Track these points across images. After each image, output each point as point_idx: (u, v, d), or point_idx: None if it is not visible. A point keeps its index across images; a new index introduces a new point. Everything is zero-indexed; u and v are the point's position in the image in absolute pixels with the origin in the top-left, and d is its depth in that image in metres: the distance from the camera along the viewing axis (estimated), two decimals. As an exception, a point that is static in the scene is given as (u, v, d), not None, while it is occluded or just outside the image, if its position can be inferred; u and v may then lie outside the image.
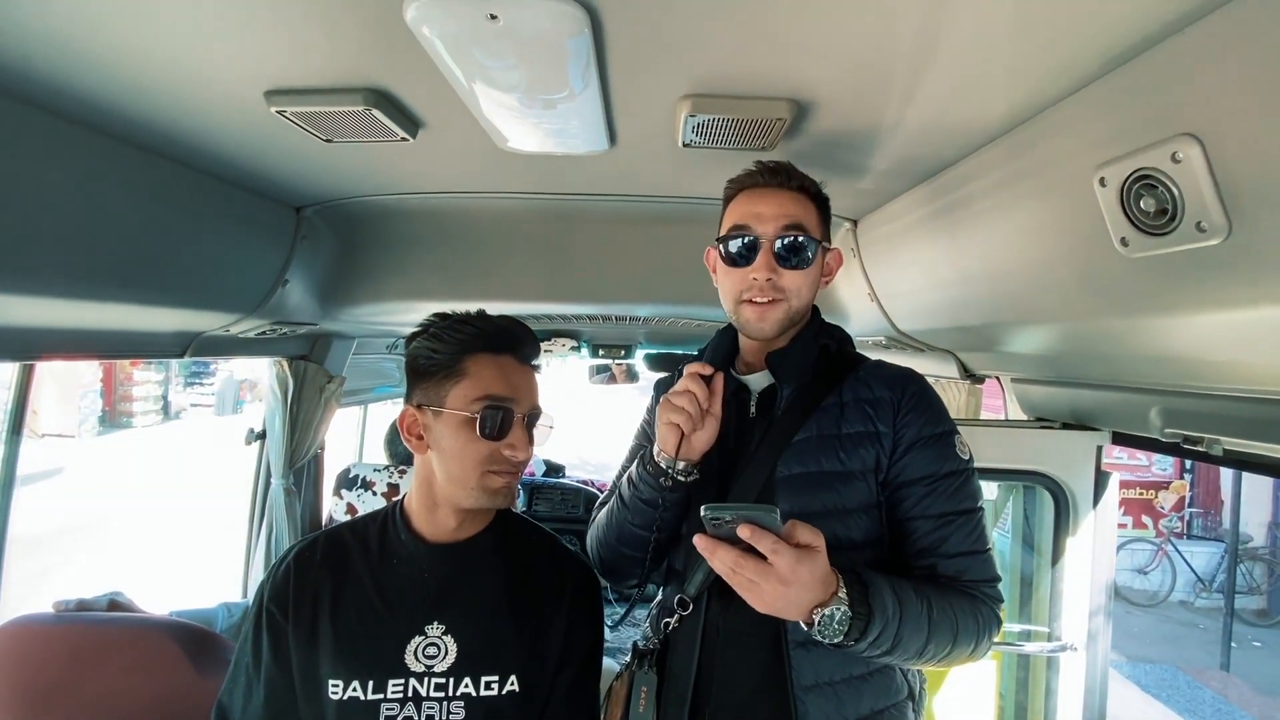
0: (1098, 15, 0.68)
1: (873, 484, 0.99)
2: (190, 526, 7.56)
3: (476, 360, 0.97)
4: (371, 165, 1.39)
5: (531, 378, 1.03)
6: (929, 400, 1.03)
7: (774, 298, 1.00)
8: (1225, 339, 0.84)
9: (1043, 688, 1.61)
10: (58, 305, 1.18)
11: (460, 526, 1.03)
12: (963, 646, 0.91)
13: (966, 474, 0.99)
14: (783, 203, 1.01)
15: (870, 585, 0.85)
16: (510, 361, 1.00)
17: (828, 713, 0.95)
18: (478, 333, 0.98)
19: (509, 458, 0.97)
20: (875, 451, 0.99)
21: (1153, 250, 0.78)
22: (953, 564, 0.95)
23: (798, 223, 1.00)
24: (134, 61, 0.87)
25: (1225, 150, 0.65)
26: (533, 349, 1.04)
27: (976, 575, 0.96)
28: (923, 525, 0.97)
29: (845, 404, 1.02)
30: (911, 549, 0.98)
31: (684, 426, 0.98)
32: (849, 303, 1.96)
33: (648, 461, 1.04)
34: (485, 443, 0.96)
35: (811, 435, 1.00)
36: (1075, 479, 1.52)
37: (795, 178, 1.03)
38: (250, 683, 0.97)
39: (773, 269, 1.00)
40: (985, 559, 0.97)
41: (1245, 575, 7.53)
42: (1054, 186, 0.92)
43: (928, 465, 0.98)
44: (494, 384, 0.97)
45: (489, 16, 0.74)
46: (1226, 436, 1.07)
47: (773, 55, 0.85)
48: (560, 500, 3.76)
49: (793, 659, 0.96)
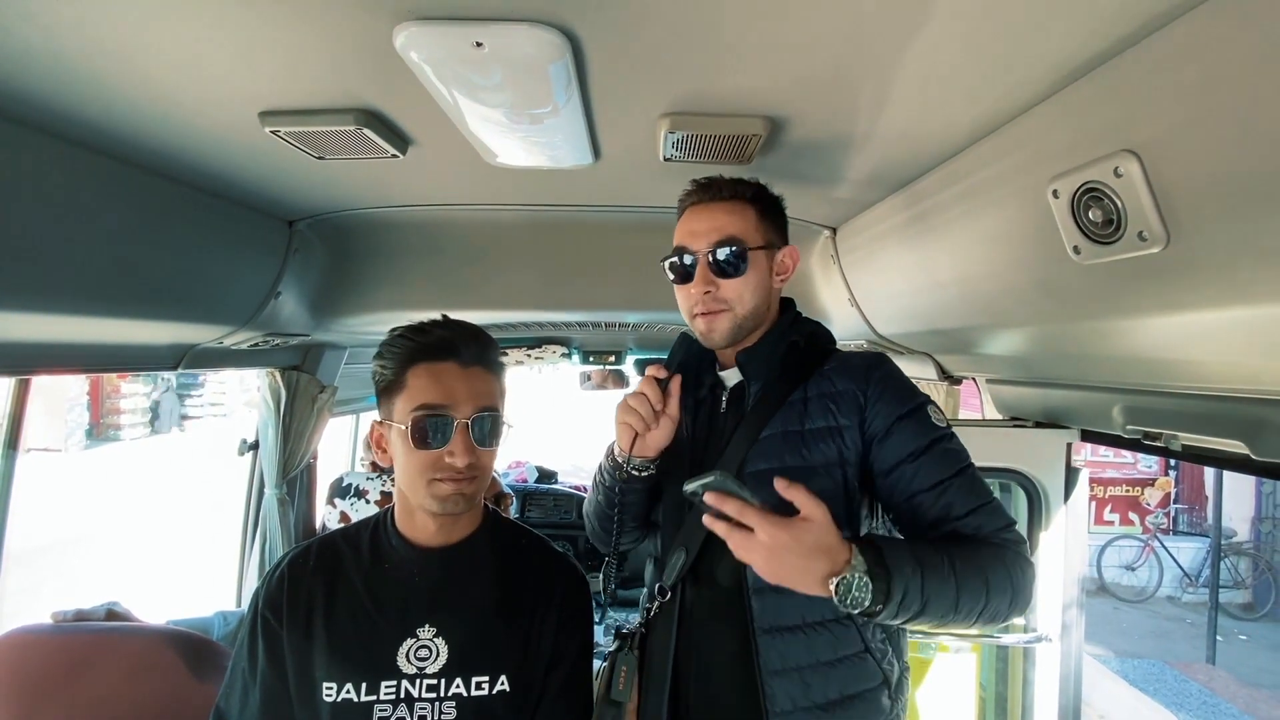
0: (1045, 38, 0.73)
1: (839, 477, 1.02)
2: (182, 540, 7.49)
3: (415, 371, 0.99)
4: (363, 180, 1.43)
5: (477, 381, 1.00)
6: (896, 381, 1.05)
7: (717, 309, 1.05)
8: (1175, 340, 0.90)
9: (1020, 678, 1.65)
10: (53, 320, 1.20)
11: (442, 531, 1.05)
12: (999, 596, 0.90)
13: (948, 438, 1.01)
14: (714, 216, 1.05)
15: (885, 548, 0.85)
16: (451, 368, 0.99)
17: (794, 697, 0.98)
18: (415, 345, 0.99)
19: (450, 464, 0.97)
20: (837, 446, 1.02)
21: (1102, 258, 0.83)
22: (968, 522, 0.95)
23: (728, 235, 1.04)
24: (131, 84, 0.90)
25: (1161, 165, 0.71)
26: (477, 350, 1.01)
27: (993, 525, 0.96)
28: (925, 499, 0.97)
29: (809, 399, 1.05)
30: (924, 523, 0.98)
31: (636, 427, 1.05)
32: (830, 308, 2.01)
33: (608, 455, 1.12)
34: (426, 451, 0.96)
35: (776, 432, 1.04)
36: (1047, 475, 1.57)
37: (726, 188, 1.07)
38: (247, 687, 1.00)
39: (710, 282, 1.04)
40: (993, 508, 0.97)
41: (1230, 570, 7.64)
42: (1013, 197, 0.97)
43: (910, 443, 0.99)
44: (427, 393, 0.97)
45: (474, 44, 0.78)
46: (1183, 432, 1.12)
47: (746, 76, 0.90)
48: (553, 506, 3.77)
49: (759, 644, 0.99)
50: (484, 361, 1.02)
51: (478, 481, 1.01)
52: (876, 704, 1.02)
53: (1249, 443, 1.00)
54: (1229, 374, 0.92)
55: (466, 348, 1.00)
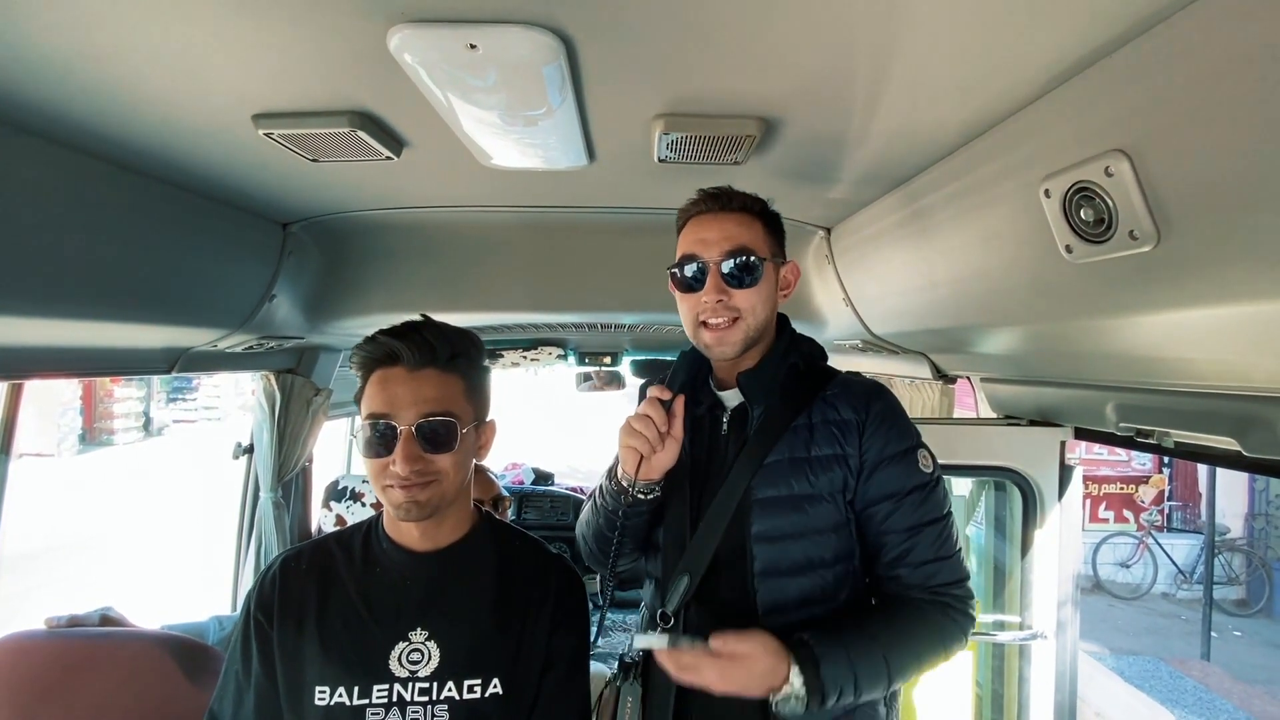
0: (1035, 38, 0.74)
1: (841, 504, 1.04)
2: (178, 544, 7.46)
3: (371, 379, 0.98)
4: (357, 182, 1.42)
5: (425, 385, 0.96)
6: (893, 418, 1.06)
7: (730, 318, 1.04)
8: (1166, 338, 0.90)
9: (1016, 676, 1.66)
10: (44, 324, 1.19)
11: (427, 535, 1.04)
12: (930, 659, 0.98)
13: (931, 485, 1.04)
14: (725, 226, 1.04)
15: (822, 660, 0.90)
16: (397, 374, 0.96)
17: (801, 715, 0.98)
18: (365, 353, 0.99)
19: (394, 472, 0.95)
20: (843, 473, 1.03)
21: (1093, 257, 0.83)
22: (920, 572, 1.01)
23: (742, 244, 1.03)
24: (123, 88, 0.90)
25: (1151, 165, 0.71)
26: (427, 353, 0.97)
27: (945, 579, 1.01)
28: (892, 539, 1.02)
29: (814, 425, 1.05)
30: (882, 560, 1.03)
31: (642, 450, 1.02)
32: (825, 308, 2.01)
33: (612, 478, 1.09)
34: (375, 460, 0.96)
35: (783, 458, 1.04)
36: (1041, 474, 1.58)
37: (736, 200, 1.06)
38: (240, 690, 0.99)
39: (723, 290, 1.03)
40: (953, 563, 1.02)
41: (1225, 566, 7.69)
42: (1005, 197, 0.98)
43: (893, 483, 1.02)
44: (373, 401, 0.96)
45: (468, 46, 0.79)
46: (1175, 429, 1.13)
47: (739, 78, 0.90)
48: (550, 508, 3.77)
49: None
50: (437, 363, 0.98)
51: (433, 488, 0.97)
52: (874, 713, 1.05)
53: (1240, 439, 1.00)
54: (1220, 371, 0.93)
55: (413, 352, 0.96)
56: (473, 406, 1.02)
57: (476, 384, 1.04)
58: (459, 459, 0.99)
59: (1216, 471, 7.18)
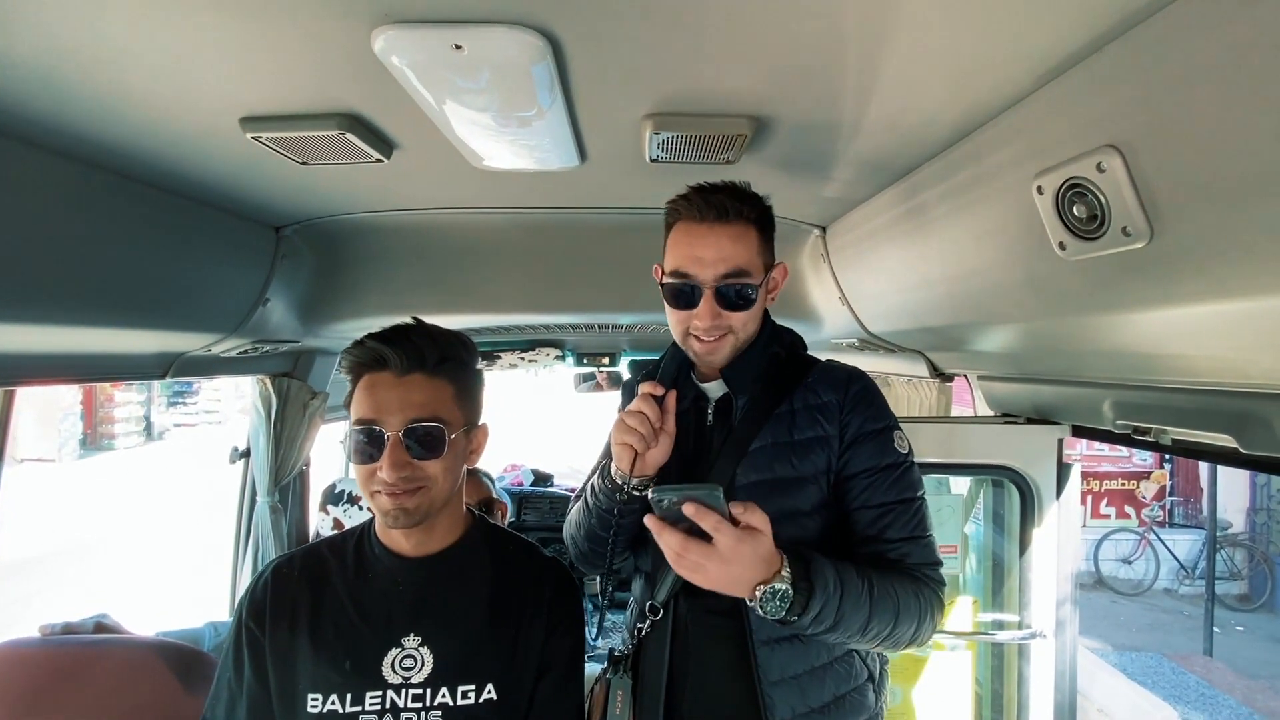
0: (1026, 33, 0.73)
1: (824, 485, 1.05)
2: (177, 549, 7.46)
3: (360, 384, 0.98)
4: (349, 185, 1.42)
5: (413, 390, 0.95)
6: (870, 398, 1.08)
7: (720, 334, 1.04)
8: (1161, 335, 0.90)
9: (1016, 675, 1.65)
10: (35, 330, 1.19)
11: (417, 541, 1.03)
12: (905, 625, 0.95)
13: (905, 466, 1.05)
14: (722, 245, 1.00)
15: (812, 562, 0.90)
16: (385, 379, 0.96)
17: (793, 703, 1.01)
18: (353, 358, 0.98)
19: (381, 478, 0.94)
20: (826, 455, 1.05)
21: (1087, 253, 0.83)
22: (895, 549, 1.01)
23: (737, 267, 1.00)
24: (110, 91, 0.89)
25: (1143, 161, 0.70)
26: (414, 358, 0.96)
27: (918, 559, 1.01)
28: (866, 515, 1.03)
29: (796, 411, 1.07)
30: (857, 537, 1.04)
31: (637, 446, 1.01)
32: (821, 307, 2.01)
33: (605, 476, 1.08)
34: (363, 466, 0.95)
35: (766, 444, 1.05)
36: (1039, 472, 1.57)
37: (733, 209, 1.01)
38: (233, 697, 0.99)
39: (717, 314, 1.02)
40: (926, 544, 1.03)
41: (1227, 561, 7.68)
42: (999, 194, 0.97)
43: (869, 459, 1.04)
44: (361, 406, 0.96)
45: (454, 46, 0.78)
46: (1173, 426, 1.13)
47: (729, 77, 0.90)
48: (549, 509, 3.75)
49: (759, 656, 1.01)
50: (425, 368, 0.97)
51: (421, 494, 0.96)
52: (864, 699, 1.06)
53: (1237, 436, 1.00)
54: (1216, 368, 0.92)
55: (401, 357, 0.95)
56: (463, 411, 1.01)
57: (467, 388, 1.03)
58: (448, 464, 0.98)
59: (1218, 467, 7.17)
